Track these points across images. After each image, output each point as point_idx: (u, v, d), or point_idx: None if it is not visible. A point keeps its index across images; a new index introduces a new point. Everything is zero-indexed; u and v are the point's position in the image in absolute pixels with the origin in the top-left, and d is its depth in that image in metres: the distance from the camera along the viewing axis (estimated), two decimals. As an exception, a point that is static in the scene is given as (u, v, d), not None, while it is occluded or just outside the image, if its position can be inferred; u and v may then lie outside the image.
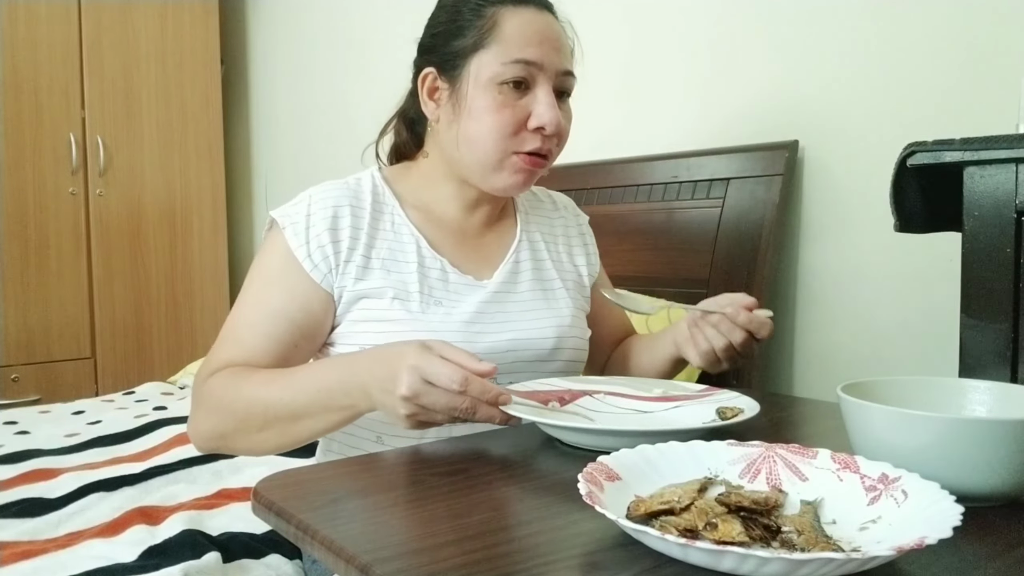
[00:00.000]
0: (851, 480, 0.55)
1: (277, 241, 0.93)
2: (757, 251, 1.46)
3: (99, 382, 2.87)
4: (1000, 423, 0.54)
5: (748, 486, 0.57)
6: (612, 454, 0.58)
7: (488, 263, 1.02)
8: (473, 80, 0.91)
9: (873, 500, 0.52)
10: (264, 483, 0.64)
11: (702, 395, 0.85)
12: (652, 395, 0.86)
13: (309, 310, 0.91)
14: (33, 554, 1.02)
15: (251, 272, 0.94)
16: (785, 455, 0.59)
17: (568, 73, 0.94)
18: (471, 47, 0.91)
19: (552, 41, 0.92)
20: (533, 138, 0.92)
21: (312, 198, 0.94)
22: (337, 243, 0.92)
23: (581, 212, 1.18)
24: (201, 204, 3.14)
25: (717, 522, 0.48)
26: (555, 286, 1.05)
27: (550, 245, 1.09)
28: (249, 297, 0.92)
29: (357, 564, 0.48)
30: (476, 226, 1.03)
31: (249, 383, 0.82)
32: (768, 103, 1.53)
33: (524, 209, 1.10)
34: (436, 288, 0.95)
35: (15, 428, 1.72)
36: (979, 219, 0.82)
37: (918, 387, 0.69)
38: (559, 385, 0.86)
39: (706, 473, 0.58)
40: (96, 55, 2.86)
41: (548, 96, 0.91)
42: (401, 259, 0.95)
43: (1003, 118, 1.15)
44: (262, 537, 1.09)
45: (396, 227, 0.97)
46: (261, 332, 0.89)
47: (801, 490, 0.56)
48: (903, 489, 0.51)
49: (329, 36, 2.81)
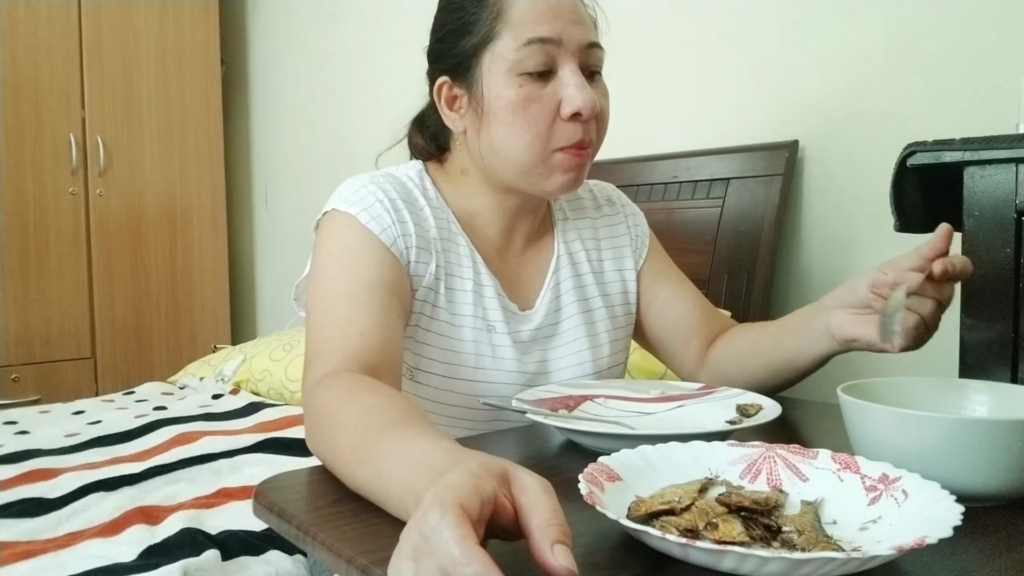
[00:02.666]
0: (851, 480, 0.55)
1: (349, 224, 0.82)
2: (757, 251, 1.46)
3: (99, 382, 2.87)
4: (1000, 423, 0.54)
5: (749, 486, 0.57)
6: (612, 455, 0.57)
7: (529, 287, 0.93)
8: (489, 77, 0.82)
9: (873, 500, 0.52)
10: (265, 484, 0.64)
11: (702, 393, 0.85)
12: (650, 396, 0.85)
13: (400, 278, 0.82)
14: (33, 554, 1.02)
15: (323, 261, 0.82)
16: (785, 455, 0.58)
17: (594, 45, 0.84)
18: (481, 41, 0.82)
19: (568, 13, 0.82)
20: (571, 128, 0.82)
21: (369, 187, 0.85)
22: (408, 236, 0.84)
23: (630, 204, 1.07)
24: (201, 204, 3.14)
25: (718, 522, 0.48)
26: (595, 305, 0.96)
27: (591, 253, 0.99)
28: (331, 278, 0.80)
29: (357, 565, 0.48)
30: (519, 240, 0.94)
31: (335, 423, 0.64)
32: (768, 103, 1.54)
33: (563, 215, 1.00)
34: (490, 311, 0.87)
35: (15, 428, 1.72)
36: (979, 219, 0.82)
37: (918, 387, 0.69)
38: (559, 392, 0.85)
39: (706, 473, 0.58)
40: (96, 55, 2.86)
41: (576, 76, 0.81)
42: (456, 273, 0.87)
43: (1003, 118, 1.15)
44: (261, 534, 1.09)
45: (453, 236, 0.88)
46: (362, 302, 0.77)
47: (802, 490, 0.55)
48: (903, 489, 0.51)
49: (329, 36, 2.80)
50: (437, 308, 0.85)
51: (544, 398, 0.82)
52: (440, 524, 0.38)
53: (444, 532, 0.38)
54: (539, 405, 0.79)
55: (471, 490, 0.40)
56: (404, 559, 0.40)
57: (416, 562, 0.39)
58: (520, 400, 0.79)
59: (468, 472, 0.41)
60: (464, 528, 0.38)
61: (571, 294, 0.95)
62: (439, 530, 0.38)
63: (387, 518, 0.53)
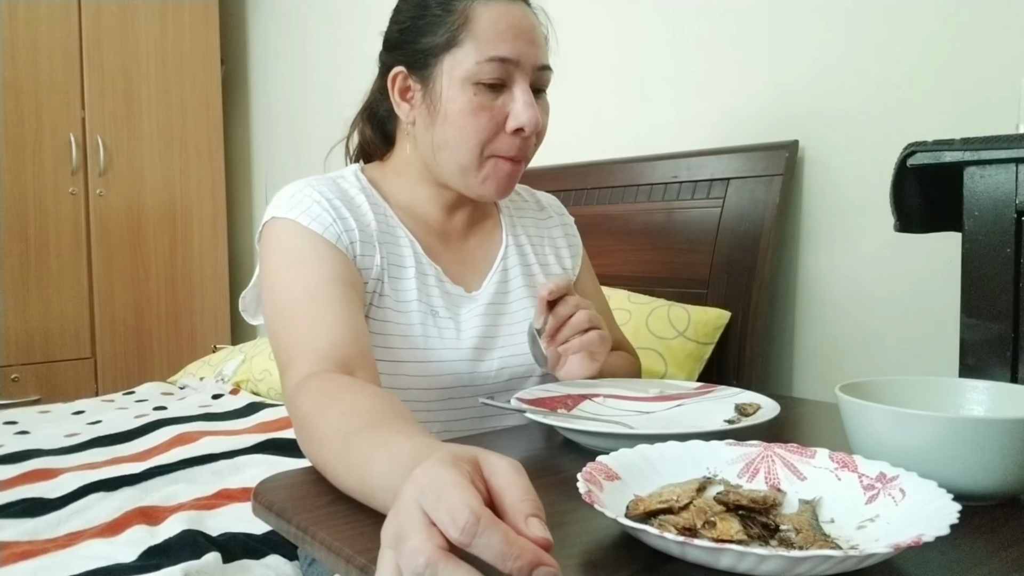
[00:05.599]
0: (849, 479, 0.55)
1: (291, 229, 0.84)
2: (757, 251, 1.46)
3: (99, 382, 2.87)
4: (998, 422, 0.54)
5: (747, 485, 0.57)
6: (611, 454, 0.57)
7: (475, 271, 0.98)
8: (447, 80, 0.86)
9: (871, 499, 0.52)
10: (264, 484, 0.64)
11: (700, 393, 0.85)
12: (649, 395, 0.86)
13: (351, 271, 0.84)
14: (33, 554, 1.02)
15: (273, 269, 0.83)
16: (784, 455, 0.59)
17: (545, 67, 0.89)
18: (443, 45, 0.86)
19: (527, 33, 0.87)
20: (511, 140, 0.88)
21: (305, 191, 0.87)
22: (350, 231, 0.86)
23: (566, 212, 1.14)
24: (201, 204, 3.14)
25: (716, 520, 0.48)
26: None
27: (537, 248, 1.05)
28: (286, 283, 0.81)
29: (357, 564, 0.48)
30: (459, 229, 0.98)
31: (318, 429, 0.64)
32: (768, 103, 1.54)
33: (508, 210, 1.06)
34: (433, 296, 0.91)
35: (15, 428, 1.72)
36: (979, 219, 0.82)
37: (918, 387, 0.69)
38: (558, 390, 0.85)
39: (705, 473, 0.58)
40: (96, 55, 2.86)
41: (526, 95, 0.86)
42: (398, 263, 0.90)
43: (1003, 118, 1.15)
44: (262, 537, 1.09)
45: (392, 229, 0.92)
46: (323, 299, 0.78)
47: (799, 489, 0.56)
48: (901, 488, 0.52)
49: (329, 36, 2.81)
50: (384, 298, 0.88)
51: (543, 397, 0.82)
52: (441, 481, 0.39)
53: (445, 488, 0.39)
54: (539, 404, 0.79)
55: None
56: (384, 550, 0.40)
57: (396, 548, 0.39)
58: (520, 400, 0.79)
59: (441, 461, 0.42)
60: (464, 478, 0.40)
61: (519, 279, 1.00)
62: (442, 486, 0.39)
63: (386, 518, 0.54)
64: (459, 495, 0.38)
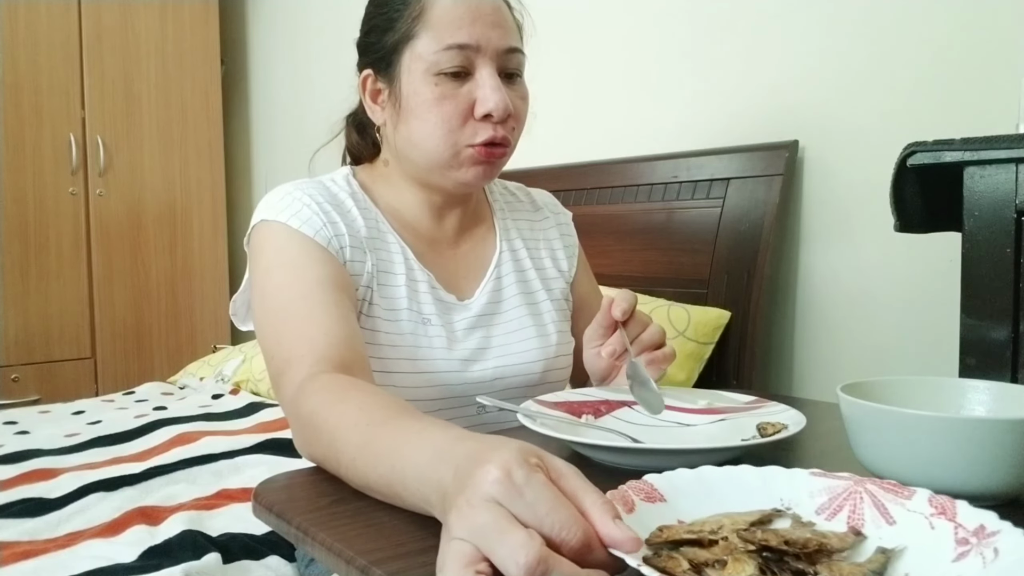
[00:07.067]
0: (943, 529, 0.47)
1: (281, 232, 0.83)
2: (757, 251, 1.46)
3: (99, 382, 2.87)
4: (1000, 423, 0.54)
5: (823, 524, 0.49)
6: (665, 472, 0.51)
7: (468, 279, 0.95)
8: (408, 75, 0.85)
9: (961, 555, 0.44)
10: (264, 485, 0.64)
11: (751, 407, 0.78)
12: (697, 407, 0.79)
13: (343, 274, 0.83)
14: (33, 554, 1.02)
15: (263, 272, 0.82)
16: (876, 491, 0.51)
17: (513, 50, 0.86)
18: (402, 39, 0.85)
19: (487, 17, 0.84)
20: (483, 127, 0.84)
21: (295, 194, 0.86)
22: (340, 236, 0.85)
23: (563, 209, 1.11)
24: (201, 204, 3.14)
25: (727, 559, 0.42)
26: (540, 298, 0.99)
27: (532, 251, 1.02)
28: (277, 287, 0.79)
29: (357, 565, 0.48)
30: (450, 234, 0.96)
31: (330, 423, 0.63)
32: (768, 103, 1.54)
33: (502, 212, 1.03)
34: (424, 304, 0.89)
35: (15, 428, 1.72)
36: (979, 219, 0.82)
37: (918, 387, 0.69)
38: (596, 395, 0.81)
39: (777, 504, 0.51)
40: (96, 55, 2.86)
41: (491, 79, 0.83)
42: (389, 270, 0.88)
43: (1003, 118, 1.15)
44: (262, 538, 1.09)
45: (383, 234, 0.90)
46: (316, 302, 0.77)
47: (884, 535, 0.48)
48: (996, 547, 0.44)
49: (329, 36, 2.80)
50: (374, 306, 0.86)
51: (574, 401, 0.78)
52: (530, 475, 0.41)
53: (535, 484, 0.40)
54: (565, 409, 0.75)
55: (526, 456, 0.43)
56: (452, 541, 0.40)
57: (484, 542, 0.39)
58: (539, 402, 0.76)
59: (517, 447, 0.43)
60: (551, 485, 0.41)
61: (514, 287, 0.97)
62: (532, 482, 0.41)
63: (386, 518, 0.54)
64: (566, 509, 0.40)
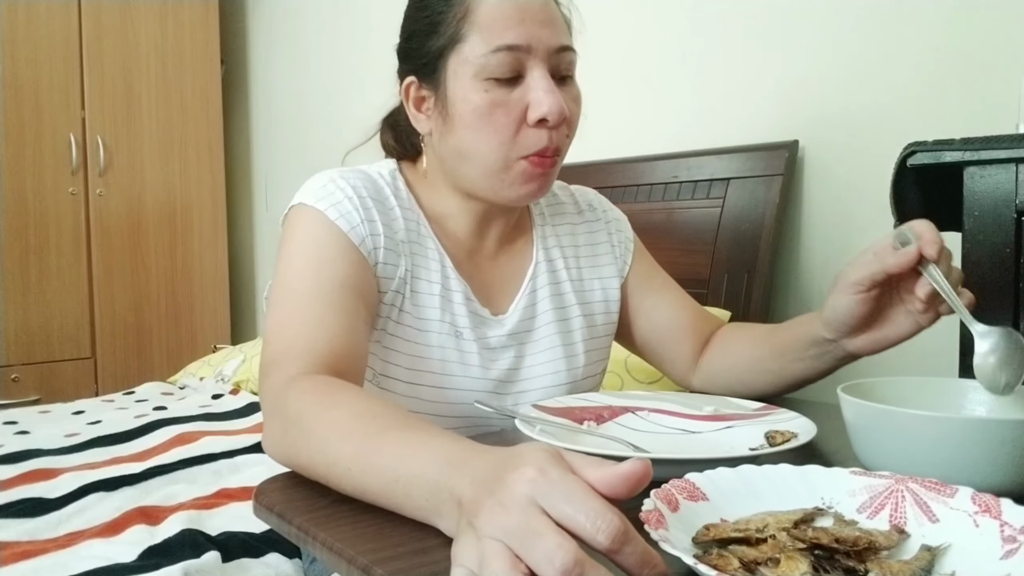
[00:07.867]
0: (988, 527, 0.47)
1: (317, 220, 0.79)
2: (757, 251, 1.46)
3: (99, 382, 2.87)
4: (1001, 423, 0.54)
5: (866, 523, 0.50)
6: (706, 472, 0.52)
7: (502, 292, 0.90)
8: (455, 80, 0.79)
9: (1009, 553, 0.44)
10: (265, 484, 0.64)
11: (759, 414, 0.76)
12: (702, 414, 0.77)
13: (367, 280, 0.79)
14: (33, 554, 1.02)
15: (289, 255, 0.79)
16: (917, 490, 0.51)
17: (564, 49, 0.80)
18: (448, 43, 0.79)
19: (536, 15, 0.78)
20: (536, 135, 0.79)
21: (339, 182, 0.82)
22: (376, 236, 0.81)
23: (612, 208, 1.04)
24: (201, 204, 3.14)
25: (780, 558, 0.42)
26: (572, 313, 0.93)
27: (570, 261, 0.96)
28: (299, 275, 0.77)
29: (358, 564, 0.48)
30: (491, 245, 0.91)
31: (322, 428, 0.60)
32: (768, 103, 1.54)
33: (541, 219, 0.97)
34: (459, 316, 0.84)
35: (15, 428, 1.72)
36: (979, 219, 0.82)
37: (919, 388, 0.69)
38: (598, 401, 0.79)
39: (818, 503, 0.51)
40: (96, 55, 2.86)
41: (544, 80, 0.78)
42: (424, 276, 0.84)
43: (1003, 118, 1.15)
44: (261, 536, 1.09)
45: (422, 239, 0.85)
46: (331, 304, 0.74)
47: (928, 533, 0.48)
48: None
49: (329, 36, 2.81)
50: (404, 312, 0.82)
51: (574, 407, 0.77)
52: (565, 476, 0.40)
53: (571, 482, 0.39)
54: (566, 415, 0.74)
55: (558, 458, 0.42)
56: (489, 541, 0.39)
57: (520, 544, 0.38)
58: (539, 407, 0.75)
59: (544, 447, 0.42)
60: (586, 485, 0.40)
61: (547, 301, 0.92)
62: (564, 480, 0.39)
63: (387, 518, 0.53)
64: (598, 501, 0.38)
